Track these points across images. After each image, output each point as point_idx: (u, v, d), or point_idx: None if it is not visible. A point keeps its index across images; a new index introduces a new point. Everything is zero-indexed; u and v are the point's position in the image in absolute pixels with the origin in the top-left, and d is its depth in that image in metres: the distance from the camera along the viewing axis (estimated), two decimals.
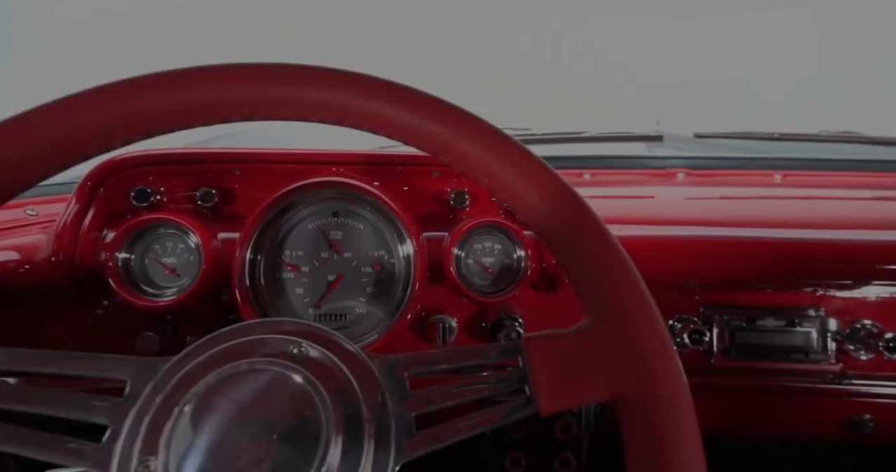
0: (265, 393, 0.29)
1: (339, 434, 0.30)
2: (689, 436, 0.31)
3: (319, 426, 0.29)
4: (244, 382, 0.29)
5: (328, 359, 0.32)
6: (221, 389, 0.29)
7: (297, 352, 0.32)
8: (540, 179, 0.37)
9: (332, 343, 0.33)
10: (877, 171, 1.01)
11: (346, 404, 0.31)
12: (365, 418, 0.31)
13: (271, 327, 0.33)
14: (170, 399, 0.29)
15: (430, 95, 0.38)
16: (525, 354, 0.35)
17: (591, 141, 1.09)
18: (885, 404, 0.72)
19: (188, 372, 0.30)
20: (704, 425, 0.83)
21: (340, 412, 0.31)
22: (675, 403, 0.32)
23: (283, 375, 0.30)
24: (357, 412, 0.31)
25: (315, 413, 0.29)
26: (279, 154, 0.67)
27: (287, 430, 0.28)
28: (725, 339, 0.76)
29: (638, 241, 0.76)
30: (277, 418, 0.28)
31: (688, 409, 0.32)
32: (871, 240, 0.73)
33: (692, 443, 0.31)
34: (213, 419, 0.28)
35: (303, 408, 0.29)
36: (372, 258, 0.66)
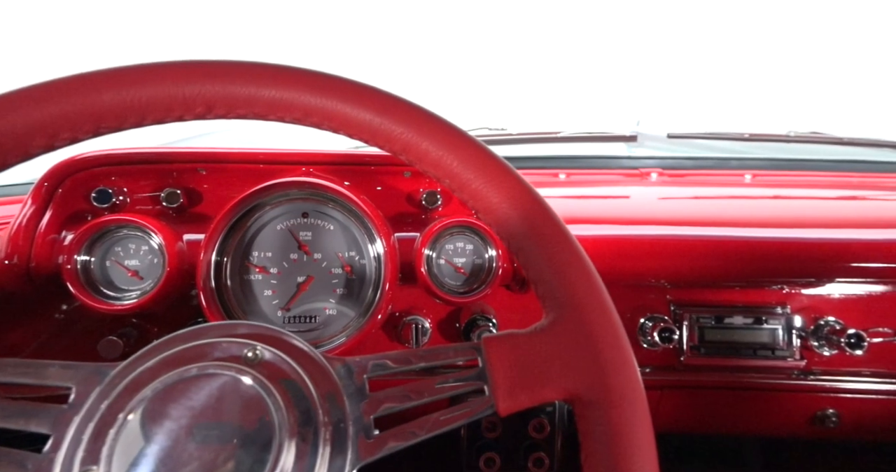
0: (215, 398, 0.28)
1: (293, 438, 0.29)
2: (643, 433, 0.32)
3: (272, 431, 0.28)
4: (193, 387, 0.28)
5: (284, 362, 0.32)
6: (169, 394, 0.28)
7: (252, 355, 0.31)
8: (500, 179, 0.37)
9: (288, 346, 0.33)
10: (843, 170, 1.04)
11: (300, 407, 0.31)
12: (321, 421, 0.31)
13: (225, 329, 0.32)
14: (115, 406, 0.28)
15: (391, 93, 0.38)
16: (484, 354, 0.35)
17: (566, 141, 1.10)
18: (847, 399, 0.74)
19: (136, 377, 0.29)
20: (676, 421, 0.84)
21: (295, 415, 0.30)
22: (629, 401, 0.32)
23: (234, 379, 0.29)
24: (312, 415, 0.31)
25: (267, 418, 0.29)
26: (247, 154, 0.66)
27: (238, 436, 0.28)
28: (695, 337, 0.77)
29: (611, 240, 0.76)
30: (228, 423, 0.28)
31: (641, 407, 0.32)
32: (836, 239, 0.75)
33: (645, 440, 0.32)
34: (160, 425, 0.27)
35: (255, 413, 0.29)
36: (342, 259, 0.66)
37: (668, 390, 0.78)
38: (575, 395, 0.33)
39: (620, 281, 0.80)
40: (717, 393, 0.78)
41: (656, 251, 0.76)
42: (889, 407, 0.74)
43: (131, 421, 0.27)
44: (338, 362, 0.34)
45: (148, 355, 0.30)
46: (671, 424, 0.81)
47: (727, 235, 0.77)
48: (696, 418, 0.80)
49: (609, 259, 0.77)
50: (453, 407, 0.34)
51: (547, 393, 0.34)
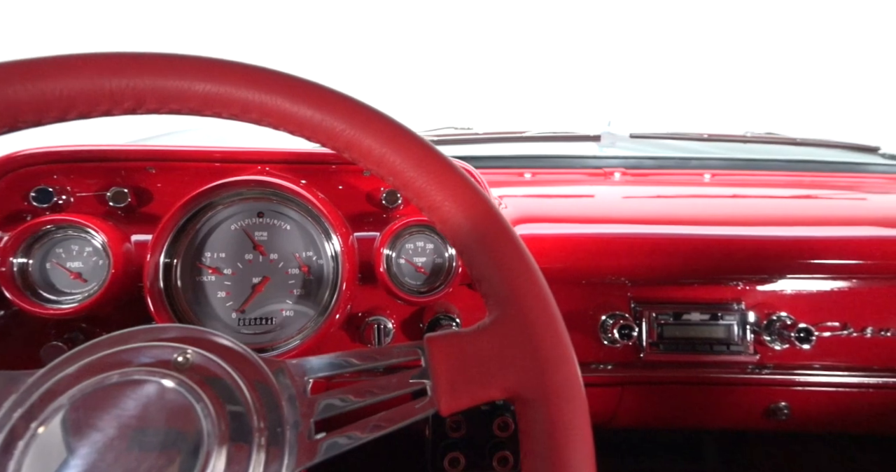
0: (138, 406, 0.27)
1: (223, 446, 0.28)
2: (580, 430, 0.32)
3: (200, 439, 0.27)
4: (115, 394, 0.27)
5: (217, 366, 0.31)
6: (88, 403, 0.27)
7: (182, 360, 0.30)
8: (443, 177, 0.37)
9: (222, 349, 0.32)
10: (796, 170, 1.07)
11: (233, 413, 0.30)
12: (255, 427, 0.30)
13: (154, 333, 0.31)
14: (28, 416, 0.26)
15: (334, 89, 0.37)
16: (427, 353, 0.35)
17: (532, 141, 1.10)
18: (798, 391, 0.76)
19: (52, 386, 0.28)
20: (637, 416, 0.85)
21: (227, 421, 0.29)
22: (566, 399, 0.32)
23: (160, 385, 0.28)
24: (246, 421, 0.30)
25: (195, 425, 0.27)
26: (199, 152, 0.64)
27: (163, 445, 0.27)
28: (654, 333, 0.78)
29: (575, 239, 0.77)
30: (152, 432, 0.27)
31: (579, 404, 0.32)
32: (788, 236, 0.77)
33: (582, 437, 0.32)
34: (76, 436, 0.26)
35: (182, 420, 0.27)
36: (299, 260, 0.65)
37: (628, 387, 0.79)
38: (515, 393, 0.33)
39: (583, 279, 0.81)
40: (676, 388, 0.79)
41: (618, 250, 0.77)
42: (836, 399, 0.77)
43: (44, 433, 0.26)
44: (276, 364, 0.33)
45: (68, 361, 0.29)
46: (632, 419, 0.82)
47: (686, 233, 0.78)
48: (657, 413, 0.81)
49: (572, 258, 0.77)
50: (395, 408, 0.34)
51: (488, 392, 0.33)
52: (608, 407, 0.81)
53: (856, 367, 0.76)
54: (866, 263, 0.77)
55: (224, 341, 0.32)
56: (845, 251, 0.76)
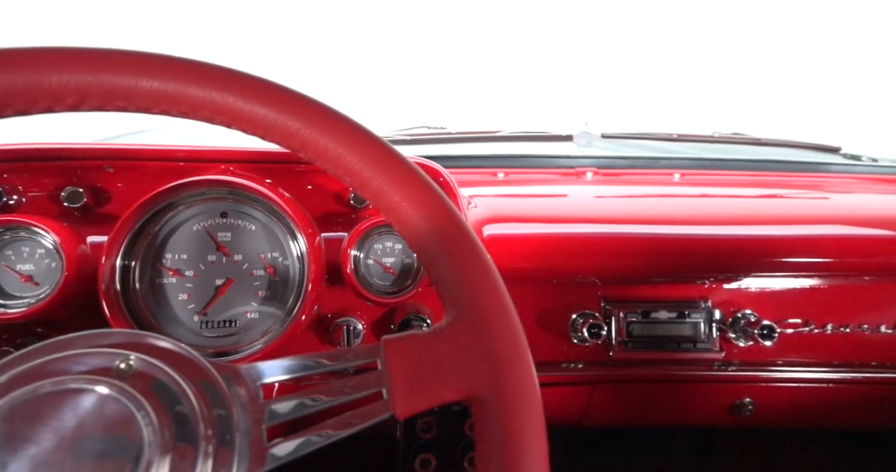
0: (75, 416, 0.26)
1: (166, 455, 0.27)
2: (533, 432, 0.32)
3: (140, 448, 0.26)
4: (49, 405, 0.26)
5: (162, 372, 0.30)
6: (17, 414, 0.25)
7: (124, 367, 0.29)
8: (400, 176, 0.36)
9: (168, 354, 0.31)
10: (762, 170, 1.10)
11: (179, 421, 0.29)
12: (201, 435, 0.29)
13: (95, 339, 0.30)
14: None
15: (288, 87, 0.36)
16: (383, 356, 0.34)
17: (505, 140, 1.10)
18: (761, 387, 0.78)
19: None
20: (607, 414, 0.85)
21: (171, 430, 0.28)
22: (520, 400, 0.32)
23: (98, 394, 0.27)
24: (192, 428, 0.29)
25: (135, 435, 0.27)
26: (160, 151, 0.62)
27: (99, 456, 0.26)
28: (623, 332, 0.79)
29: (546, 239, 0.77)
30: (88, 443, 0.26)
31: (533, 406, 0.32)
32: (752, 235, 0.79)
33: (535, 439, 0.32)
34: (7, 448, 0.25)
35: (121, 430, 0.26)
36: (264, 261, 0.63)
37: (598, 385, 0.80)
38: (471, 394, 0.33)
39: (554, 278, 0.82)
40: (644, 386, 0.80)
41: (588, 249, 0.77)
42: (799, 395, 0.78)
43: None
44: (227, 369, 0.32)
45: (2, 369, 0.27)
46: (603, 418, 0.83)
47: (655, 232, 0.79)
48: (626, 411, 0.82)
49: (543, 257, 0.78)
50: (349, 413, 0.33)
51: (445, 394, 0.33)
52: (579, 406, 0.81)
53: (817, 363, 0.78)
54: (827, 261, 0.79)
55: (170, 346, 0.31)
56: (807, 249, 0.78)
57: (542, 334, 0.80)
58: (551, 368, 0.79)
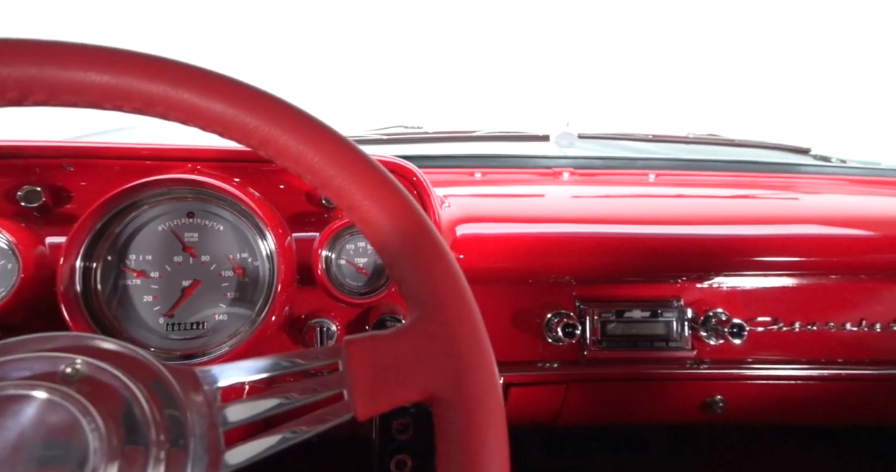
0: (14, 424, 0.25)
1: (114, 462, 0.26)
2: (494, 432, 0.31)
3: (85, 456, 0.25)
4: None
5: (112, 376, 0.29)
6: None
7: (70, 371, 0.28)
8: (363, 175, 0.36)
9: (118, 357, 0.30)
10: (735, 170, 1.11)
11: (128, 426, 0.28)
12: (153, 440, 0.28)
13: (40, 343, 0.29)
14: None
15: (247, 83, 0.35)
16: (345, 357, 0.33)
17: (482, 140, 1.10)
18: (732, 384, 0.79)
19: None
20: (581, 413, 0.86)
21: (119, 436, 0.27)
22: (480, 400, 0.32)
23: (38, 399, 0.26)
24: (143, 434, 0.28)
25: (80, 442, 0.26)
26: (123, 149, 0.61)
27: (40, 465, 0.25)
28: (597, 331, 0.79)
29: (523, 239, 0.77)
30: (27, 452, 0.25)
31: (495, 406, 0.32)
32: (724, 235, 0.80)
33: (496, 439, 0.31)
34: None
35: (64, 437, 0.25)
36: (233, 261, 0.62)
37: (573, 384, 0.80)
38: (433, 394, 0.33)
39: (529, 278, 0.82)
40: (617, 385, 0.81)
41: (563, 249, 0.78)
42: (768, 392, 0.80)
43: None
44: (183, 372, 0.32)
45: None
46: (577, 417, 0.83)
47: (629, 232, 0.80)
48: (600, 409, 0.82)
49: (518, 257, 0.78)
50: (309, 415, 0.32)
51: (406, 394, 0.33)
52: (553, 405, 0.82)
53: (786, 360, 0.80)
54: (796, 260, 0.80)
55: (120, 349, 0.30)
56: (777, 249, 0.80)
57: (517, 334, 0.80)
58: (526, 367, 0.79)
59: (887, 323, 0.79)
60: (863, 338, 0.79)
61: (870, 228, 0.83)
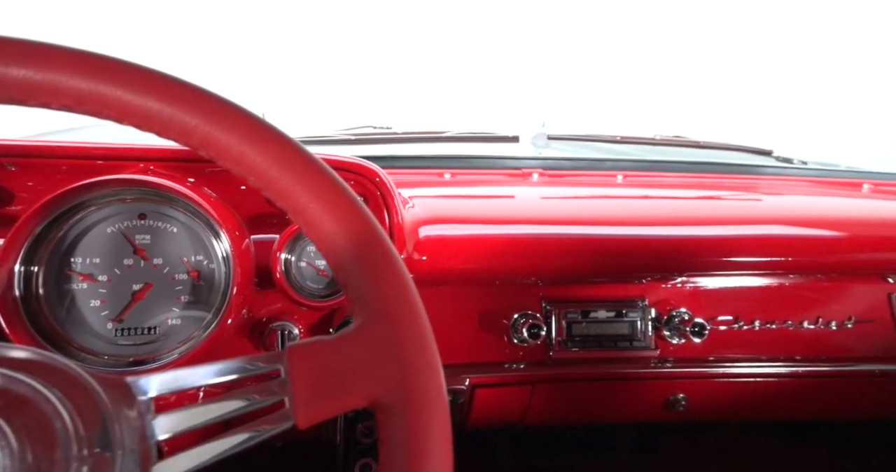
0: None
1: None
2: (438, 438, 0.31)
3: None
4: None
5: (29, 388, 0.27)
6: None
7: None
8: (308, 176, 0.35)
9: (39, 367, 0.28)
10: (700, 172, 1.13)
11: (46, 441, 0.26)
12: (74, 455, 0.27)
13: None
14: None
15: (184, 80, 0.34)
16: (286, 363, 0.33)
17: (451, 141, 1.10)
18: (694, 383, 0.80)
19: None
20: (547, 414, 0.86)
21: (36, 452, 0.26)
22: (426, 406, 0.31)
23: None
24: (65, 449, 0.27)
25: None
26: (71, 148, 0.59)
27: None
28: (563, 331, 0.79)
29: (491, 240, 0.77)
30: None
31: (440, 412, 0.32)
32: (688, 235, 0.81)
33: (440, 445, 0.31)
34: None
35: None
36: (187, 264, 0.60)
37: (538, 385, 0.80)
38: (376, 401, 0.32)
39: (496, 279, 0.82)
40: (582, 385, 0.81)
41: (529, 250, 0.78)
42: (729, 389, 0.81)
43: None
44: (112, 381, 0.30)
45: None
46: (542, 417, 0.83)
47: (595, 233, 0.80)
48: (565, 409, 0.83)
49: (485, 258, 0.77)
50: (247, 424, 0.31)
51: (349, 401, 0.32)
52: (520, 406, 0.82)
53: (746, 358, 0.81)
54: (757, 260, 0.82)
55: (41, 359, 0.29)
56: (738, 249, 0.81)
57: (483, 335, 0.80)
58: (493, 369, 0.79)
59: (842, 321, 0.81)
60: (820, 336, 0.81)
61: (828, 229, 0.85)
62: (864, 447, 1.08)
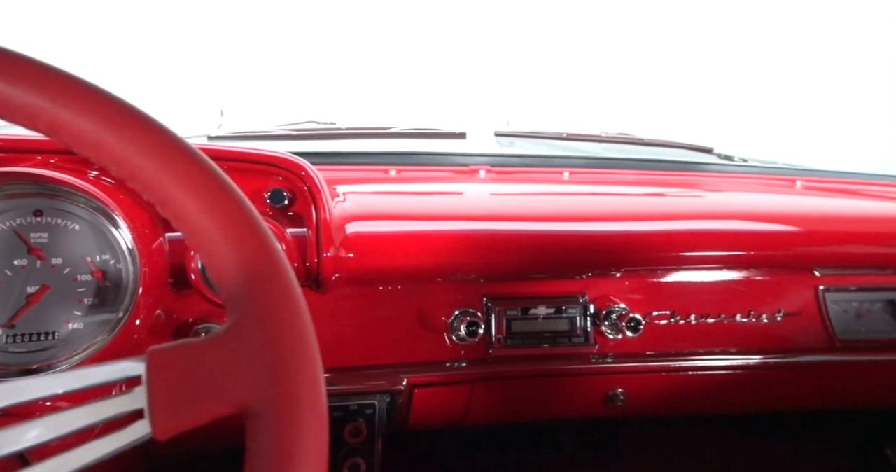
0: None
1: None
2: (312, 448, 0.29)
3: None
4: None
5: None
6: None
7: None
8: (177, 163, 0.32)
9: None
10: (644, 169, 1.14)
11: None
12: None
13: None
14: None
15: (30, 57, 0.31)
16: (147, 369, 0.30)
17: (397, 137, 1.08)
18: (632, 377, 0.80)
19: None
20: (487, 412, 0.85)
21: None
22: (300, 413, 0.29)
23: None
24: None
25: None
26: None
27: None
28: (503, 328, 0.78)
29: (432, 237, 0.75)
30: None
31: (314, 419, 0.29)
32: (626, 231, 0.81)
33: (313, 456, 0.28)
34: None
35: None
36: (91, 264, 0.56)
37: (478, 383, 0.79)
38: (245, 407, 0.29)
39: (438, 276, 0.80)
40: (522, 382, 0.80)
41: (469, 247, 0.76)
42: (666, 383, 0.82)
43: None
44: None
45: None
46: (483, 415, 0.82)
47: (536, 229, 0.79)
48: (505, 407, 0.82)
49: (423, 255, 0.76)
50: (101, 438, 0.29)
51: (215, 408, 0.29)
52: (460, 405, 0.80)
53: (682, 352, 0.82)
54: (695, 255, 0.82)
55: None
56: (677, 245, 0.82)
57: (423, 333, 0.78)
58: (431, 368, 0.78)
59: (773, 314, 0.82)
60: (752, 329, 0.83)
61: (762, 225, 0.87)
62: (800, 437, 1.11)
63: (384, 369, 0.77)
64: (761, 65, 2.20)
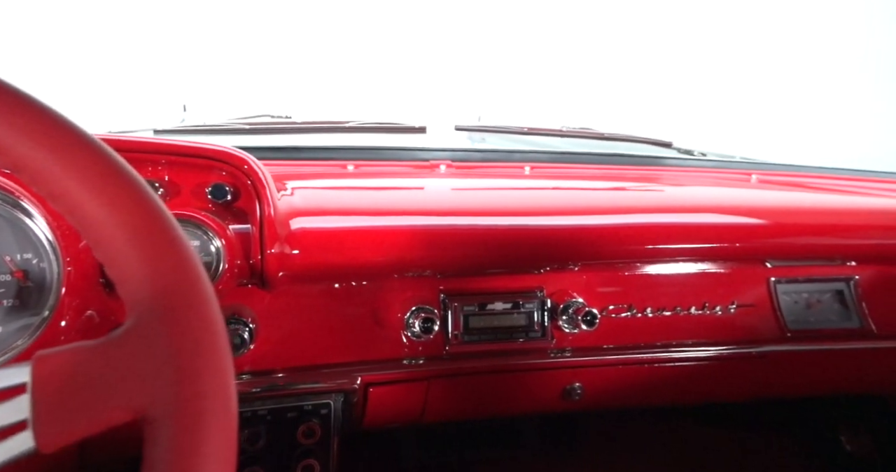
0: None
1: None
2: (214, 458, 0.26)
3: None
4: None
5: None
6: None
7: None
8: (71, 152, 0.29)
9: None
10: (604, 163, 1.14)
11: None
12: None
13: None
14: None
15: None
16: (32, 375, 0.27)
17: (354, 131, 1.05)
18: (589, 371, 0.80)
19: None
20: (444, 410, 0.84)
21: None
22: (203, 418, 0.27)
23: None
24: None
25: None
26: None
27: None
28: (459, 324, 0.77)
29: (388, 232, 0.73)
30: None
31: (219, 424, 0.27)
32: (583, 225, 0.81)
33: (216, 466, 0.26)
34: None
35: None
36: (10, 263, 0.53)
37: (435, 380, 0.78)
38: (144, 413, 0.27)
39: (394, 272, 0.78)
40: (480, 378, 0.79)
41: (426, 242, 0.75)
42: (623, 376, 0.82)
43: None
44: None
45: None
46: (441, 413, 0.81)
47: (493, 223, 0.78)
48: (463, 404, 0.81)
49: (380, 251, 0.74)
50: None
51: (108, 416, 0.27)
52: (417, 403, 0.79)
53: (639, 345, 0.82)
54: (651, 248, 0.83)
55: None
56: (634, 238, 0.82)
57: (378, 331, 0.77)
58: (387, 366, 0.76)
59: (727, 306, 0.83)
60: (706, 321, 0.83)
61: (717, 218, 0.87)
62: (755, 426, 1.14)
63: (339, 367, 0.75)
64: (733, 60, 2.24)
